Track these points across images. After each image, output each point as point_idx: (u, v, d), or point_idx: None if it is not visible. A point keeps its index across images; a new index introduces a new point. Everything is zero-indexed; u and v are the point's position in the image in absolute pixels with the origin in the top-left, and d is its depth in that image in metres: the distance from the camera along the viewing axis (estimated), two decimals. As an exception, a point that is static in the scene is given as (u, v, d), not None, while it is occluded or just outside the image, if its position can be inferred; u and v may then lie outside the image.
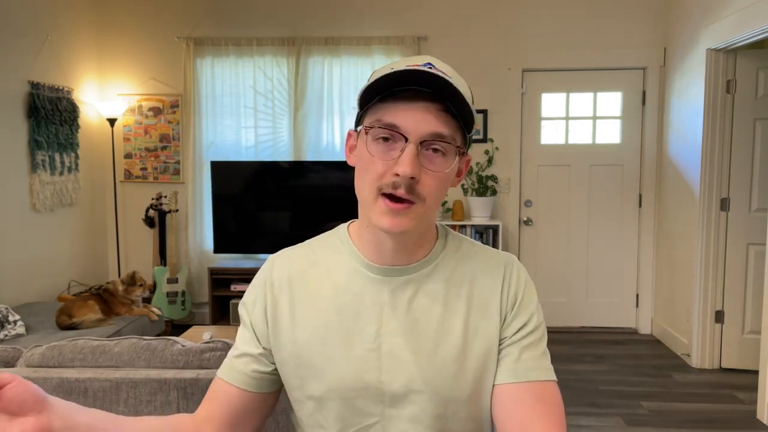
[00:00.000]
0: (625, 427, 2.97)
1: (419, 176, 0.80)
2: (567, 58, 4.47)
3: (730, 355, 3.79)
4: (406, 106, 0.80)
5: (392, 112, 0.80)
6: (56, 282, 4.21)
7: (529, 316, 0.92)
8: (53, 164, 4.08)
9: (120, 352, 1.54)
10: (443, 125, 0.80)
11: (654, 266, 4.52)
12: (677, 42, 4.18)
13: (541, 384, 0.88)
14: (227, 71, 4.60)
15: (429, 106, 0.79)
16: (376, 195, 0.82)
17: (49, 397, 0.68)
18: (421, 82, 0.79)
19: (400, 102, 0.80)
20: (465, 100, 0.80)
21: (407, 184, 0.79)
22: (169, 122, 4.71)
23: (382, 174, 0.81)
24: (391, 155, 0.80)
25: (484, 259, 0.95)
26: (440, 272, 0.92)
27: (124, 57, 4.70)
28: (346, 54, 4.55)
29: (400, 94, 0.80)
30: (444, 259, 0.93)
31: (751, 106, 3.66)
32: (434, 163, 0.81)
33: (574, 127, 4.55)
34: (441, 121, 0.80)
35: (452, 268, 0.93)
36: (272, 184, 4.44)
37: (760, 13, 3.12)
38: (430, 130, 0.80)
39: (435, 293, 0.90)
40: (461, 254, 0.95)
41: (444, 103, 0.80)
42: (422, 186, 0.81)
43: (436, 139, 0.80)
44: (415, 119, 0.79)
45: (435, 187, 0.82)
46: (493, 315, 0.91)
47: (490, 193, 4.47)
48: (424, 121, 0.79)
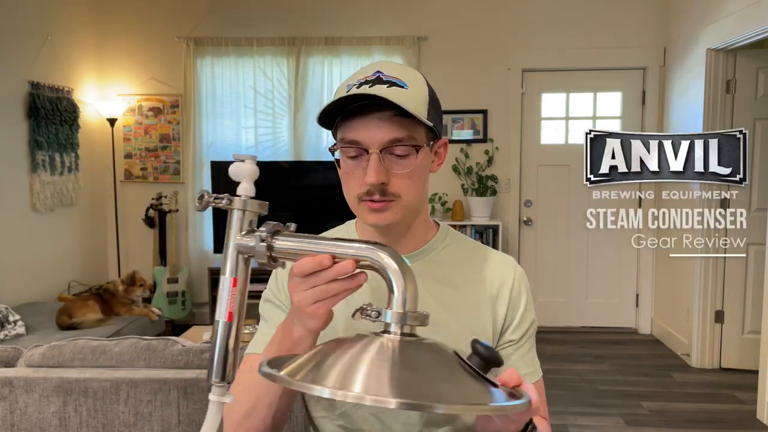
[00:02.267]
0: (625, 427, 2.98)
1: (388, 179, 0.88)
2: (567, 58, 4.47)
3: (730, 355, 3.79)
4: (361, 120, 0.87)
5: (351, 128, 0.88)
6: (56, 282, 4.21)
7: (530, 323, 1.01)
8: (53, 164, 4.08)
9: (120, 352, 1.54)
10: (398, 129, 0.87)
11: (654, 266, 4.52)
12: (677, 42, 4.18)
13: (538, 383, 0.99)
14: (227, 71, 4.60)
15: (382, 115, 0.86)
16: (359, 201, 0.91)
17: None
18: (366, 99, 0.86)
19: (357, 118, 0.88)
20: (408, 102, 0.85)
21: (378, 189, 0.88)
22: (169, 122, 4.71)
23: (358, 185, 0.89)
24: (361, 167, 0.89)
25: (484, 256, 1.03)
26: (438, 265, 0.99)
27: (124, 57, 4.69)
28: (346, 54, 4.55)
29: (357, 110, 0.87)
30: (443, 253, 1.01)
31: (751, 106, 3.66)
32: (400, 165, 0.88)
33: (574, 127, 4.55)
34: (395, 126, 0.86)
35: (451, 263, 1.00)
36: (272, 184, 4.44)
37: (760, 13, 3.12)
38: (387, 137, 0.87)
39: (430, 285, 0.95)
40: (463, 248, 1.03)
41: (395, 109, 0.86)
42: (394, 186, 0.89)
43: (394, 144, 0.87)
44: (371, 131, 0.87)
45: (407, 184, 0.89)
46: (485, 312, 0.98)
47: (490, 193, 4.47)
48: (379, 131, 0.87)
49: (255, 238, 0.70)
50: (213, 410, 0.68)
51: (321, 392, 0.56)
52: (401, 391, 0.56)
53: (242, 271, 0.71)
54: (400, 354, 0.61)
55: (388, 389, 0.56)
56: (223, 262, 0.72)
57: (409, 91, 0.88)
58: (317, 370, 0.60)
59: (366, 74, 0.89)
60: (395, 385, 0.56)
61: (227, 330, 0.69)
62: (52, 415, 1.46)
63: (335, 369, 0.59)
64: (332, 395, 0.56)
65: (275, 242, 0.71)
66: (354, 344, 0.63)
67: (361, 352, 0.61)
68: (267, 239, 0.70)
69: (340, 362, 0.60)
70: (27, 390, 1.46)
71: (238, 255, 0.71)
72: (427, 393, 0.57)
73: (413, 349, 0.63)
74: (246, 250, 0.71)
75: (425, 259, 0.99)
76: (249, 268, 0.72)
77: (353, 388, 0.56)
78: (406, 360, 0.60)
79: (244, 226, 0.72)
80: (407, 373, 0.59)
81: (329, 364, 0.60)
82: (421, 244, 1.00)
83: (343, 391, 0.55)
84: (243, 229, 0.71)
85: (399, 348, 0.62)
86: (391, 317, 0.65)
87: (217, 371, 0.68)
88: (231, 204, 0.72)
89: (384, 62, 0.92)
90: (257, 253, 0.70)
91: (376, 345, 0.62)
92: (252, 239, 0.70)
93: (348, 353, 0.61)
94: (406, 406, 0.54)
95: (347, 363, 0.60)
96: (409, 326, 0.65)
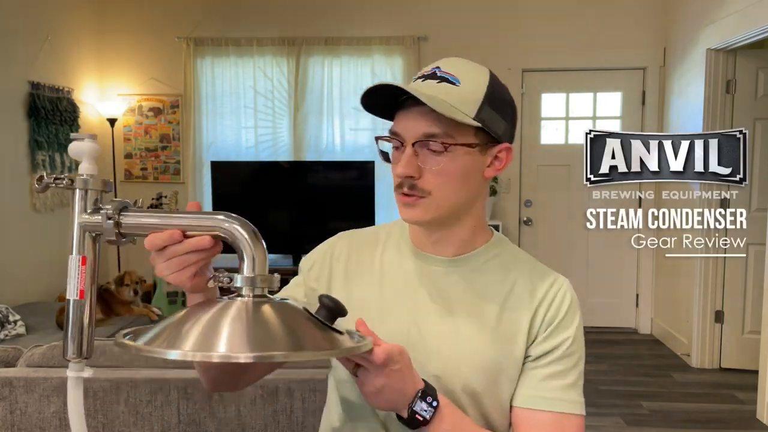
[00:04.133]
0: (625, 427, 2.98)
1: (418, 174, 0.87)
2: (567, 58, 4.47)
3: (730, 355, 3.79)
4: (404, 113, 0.89)
5: (397, 120, 0.90)
6: (56, 282, 4.21)
7: (562, 340, 0.94)
8: (53, 164, 4.08)
9: (120, 352, 1.54)
10: (435, 125, 0.86)
11: (654, 266, 4.52)
12: (677, 42, 4.18)
13: (563, 416, 0.91)
14: (227, 71, 4.60)
15: (422, 109, 0.85)
16: (396, 193, 0.92)
17: None
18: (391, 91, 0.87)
19: (402, 110, 0.89)
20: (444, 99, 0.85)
21: (407, 183, 0.88)
22: (169, 122, 4.71)
23: (394, 177, 0.91)
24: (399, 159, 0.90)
25: (533, 271, 0.97)
26: (479, 275, 0.95)
27: (124, 57, 4.69)
28: (346, 54, 4.55)
29: (403, 103, 0.89)
30: (488, 264, 0.96)
31: (751, 106, 3.66)
32: (433, 161, 0.87)
33: (574, 127, 4.55)
34: (433, 122, 0.85)
35: (493, 276, 0.95)
36: (272, 185, 4.44)
37: (760, 13, 3.12)
38: (421, 131, 0.86)
39: (462, 295, 0.94)
40: (512, 261, 0.98)
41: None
42: (425, 182, 0.88)
43: (428, 139, 0.86)
44: (408, 124, 0.88)
45: (439, 182, 0.87)
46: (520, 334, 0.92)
47: (490, 193, 4.48)
48: (415, 125, 0.87)
49: (102, 216, 0.72)
50: (72, 385, 0.71)
51: (170, 355, 0.60)
52: (253, 347, 0.61)
53: (90, 249, 0.74)
54: (253, 314, 0.65)
55: (242, 346, 0.61)
56: (69, 242, 0.73)
57: (460, 88, 0.87)
58: (175, 335, 0.63)
59: (426, 69, 0.91)
60: (249, 341, 0.61)
61: (80, 308, 0.72)
62: (52, 415, 1.46)
63: (192, 333, 0.62)
64: (182, 357, 0.60)
65: (123, 218, 0.72)
66: (210, 308, 0.66)
67: (217, 315, 0.64)
68: (114, 216, 0.71)
69: (196, 327, 0.63)
70: (27, 390, 1.46)
71: (84, 234, 0.73)
72: (275, 346, 0.62)
73: (263, 309, 0.66)
74: (92, 228, 0.73)
75: (464, 267, 0.95)
76: (98, 245, 0.75)
77: (213, 349, 0.60)
78: (258, 319, 0.64)
79: (89, 205, 0.73)
80: (259, 330, 0.63)
81: (186, 329, 0.63)
82: (464, 251, 0.95)
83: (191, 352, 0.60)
84: (88, 208, 0.73)
85: (251, 309, 0.66)
86: (242, 281, 0.68)
87: (74, 348, 0.72)
88: (72, 184, 0.73)
89: (449, 59, 0.93)
90: (105, 230, 0.72)
91: (230, 308, 0.65)
92: (98, 217, 0.72)
93: (203, 317, 0.64)
94: (253, 358, 0.59)
95: (204, 326, 0.63)
96: (260, 288, 0.68)
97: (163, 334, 0.64)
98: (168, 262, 0.73)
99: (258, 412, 1.46)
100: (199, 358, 0.62)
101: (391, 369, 0.77)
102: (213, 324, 0.63)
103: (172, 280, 0.75)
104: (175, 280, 0.75)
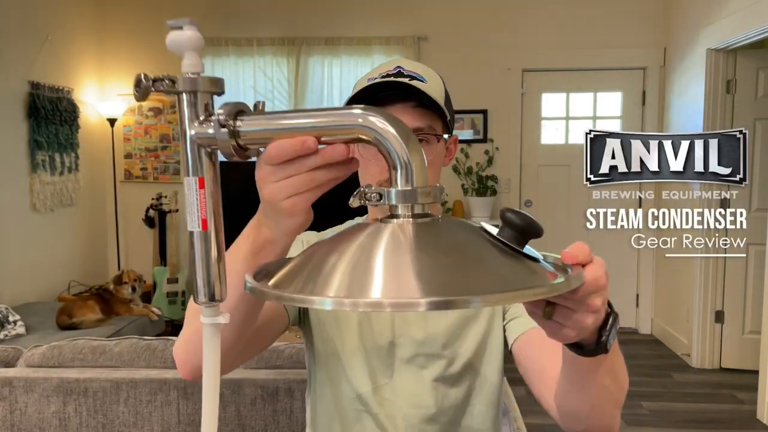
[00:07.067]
0: (625, 427, 2.97)
1: None
2: (567, 58, 4.47)
3: (730, 355, 3.79)
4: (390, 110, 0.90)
5: None
6: (56, 282, 4.21)
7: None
8: (53, 164, 4.08)
9: (120, 352, 1.54)
10: (420, 119, 0.91)
11: (654, 266, 4.52)
12: (677, 42, 4.18)
13: None
14: (227, 71, 4.60)
15: (404, 105, 0.91)
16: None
17: None
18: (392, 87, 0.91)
19: (386, 107, 0.91)
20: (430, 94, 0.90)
21: None
22: (169, 122, 4.70)
23: (379, 172, 0.90)
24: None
25: None
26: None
27: (124, 57, 4.69)
28: (346, 54, 4.55)
29: (381, 101, 0.91)
30: None
31: (751, 106, 3.66)
32: None
33: (574, 127, 4.55)
34: (417, 116, 0.91)
35: None
36: (272, 184, 4.43)
37: (760, 13, 3.12)
38: (412, 126, 0.88)
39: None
40: None
41: (416, 100, 0.91)
42: None
43: (416, 133, 0.91)
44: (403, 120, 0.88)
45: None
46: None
47: (490, 193, 4.47)
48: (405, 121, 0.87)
49: (214, 124, 0.56)
50: (209, 334, 0.56)
51: (322, 304, 0.44)
52: (429, 288, 0.43)
53: (209, 168, 0.59)
54: (416, 240, 0.47)
55: (413, 287, 0.43)
56: (183, 160, 0.59)
57: (429, 85, 0.93)
58: (316, 276, 0.46)
59: (387, 69, 0.94)
60: (420, 280, 0.43)
61: (205, 241, 0.57)
62: (52, 415, 1.46)
63: (337, 272, 0.45)
64: (338, 305, 0.44)
65: (240, 125, 0.56)
66: (356, 237, 0.48)
67: (367, 245, 0.47)
68: (228, 123, 0.56)
69: (342, 262, 0.46)
70: (27, 390, 1.46)
71: (199, 149, 0.57)
72: (461, 285, 0.44)
73: (431, 232, 0.48)
74: (207, 142, 0.57)
75: None
76: (217, 164, 0.60)
77: (369, 294, 0.43)
78: (424, 247, 0.46)
79: (200, 112, 0.57)
80: (430, 263, 0.45)
81: (330, 266, 0.46)
82: None
83: (352, 300, 0.43)
84: (200, 114, 0.57)
85: (414, 233, 0.47)
86: (396, 197, 0.50)
87: (204, 291, 0.56)
88: (174, 86, 0.57)
89: (402, 59, 0.99)
90: (219, 142, 0.56)
91: (385, 234, 0.47)
92: (210, 126, 0.56)
93: (350, 249, 0.47)
94: (437, 305, 0.42)
95: (352, 262, 0.46)
96: (421, 205, 0.50)
97: (302, 274, 0.48)
98: (289, 180, 0.58)
99: (258, 412, 1.46)
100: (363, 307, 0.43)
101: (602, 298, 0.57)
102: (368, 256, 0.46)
103: (288, 207, 0.59)
104: (293, 206, 0.59)
